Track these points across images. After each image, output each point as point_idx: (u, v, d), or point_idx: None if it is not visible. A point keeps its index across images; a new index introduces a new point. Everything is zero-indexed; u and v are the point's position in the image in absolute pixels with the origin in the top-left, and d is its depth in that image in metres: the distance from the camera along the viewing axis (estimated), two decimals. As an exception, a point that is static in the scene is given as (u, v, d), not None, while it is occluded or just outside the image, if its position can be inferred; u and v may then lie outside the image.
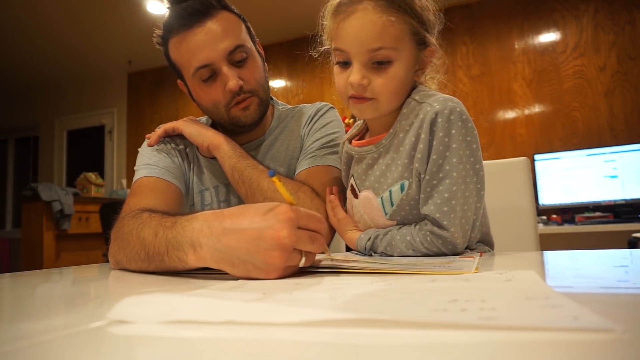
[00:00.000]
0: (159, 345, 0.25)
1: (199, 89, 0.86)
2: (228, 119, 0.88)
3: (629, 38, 3.01)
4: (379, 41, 0.63)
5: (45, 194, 3.44)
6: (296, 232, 0.48)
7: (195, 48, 0.81)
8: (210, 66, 0.82)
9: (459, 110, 0.63)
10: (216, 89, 0.84)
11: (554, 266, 0.57)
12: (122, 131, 4.83)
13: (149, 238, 0.59)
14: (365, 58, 0.64)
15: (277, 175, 0.49)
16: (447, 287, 0.36)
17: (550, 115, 3.16)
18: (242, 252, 0.48)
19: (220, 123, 0.92)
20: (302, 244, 0.49)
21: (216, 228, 0.50)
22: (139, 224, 0.64)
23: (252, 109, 0.88)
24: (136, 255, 0.62)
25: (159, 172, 0.87)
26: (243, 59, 0.85)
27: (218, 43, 0.81)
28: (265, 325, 0.27)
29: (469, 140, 0.63)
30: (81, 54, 4.37)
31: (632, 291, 0.37)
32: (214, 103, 0.86)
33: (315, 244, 0.50)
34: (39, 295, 0.50)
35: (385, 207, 0.69)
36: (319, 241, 0.51)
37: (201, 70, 0.83)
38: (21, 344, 0.26)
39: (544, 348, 0.21)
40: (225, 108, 0.86)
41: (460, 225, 0.63)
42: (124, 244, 0.66)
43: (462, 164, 0.62)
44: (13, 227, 5.13)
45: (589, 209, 2.70)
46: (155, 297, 0.37)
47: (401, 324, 0.25)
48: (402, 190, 0.67)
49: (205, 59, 0.82)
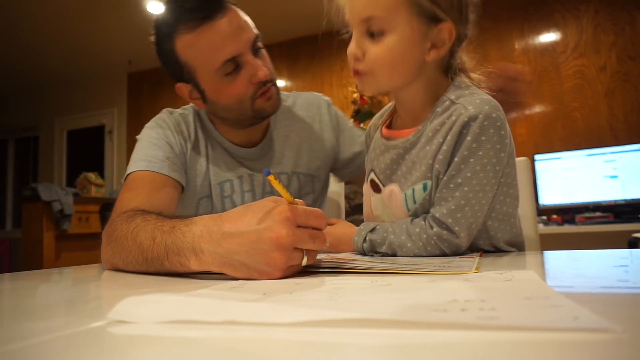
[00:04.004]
0: (159, 346, 0.25)
1: (221, 84, 0.81)
2: (252, 112, 0.84)
3: (629, 38, 3.01)
4: (368, 9, 0.60)
5: (45, 194, 3.43)
6: (295, 231, 0.48)
7: (220, 41, 0.77)
8: (236, 58, 0.79)
9: (495, 116, 0.60)
10: (241, 82, 0.81)
11: (554, 266, 0.57)
12: (122, 131, 4.83)
13: (147, 242, 0.59)
14: (362, 28, 0.62)
15: (272, 174, 0.49)
16: (447, 287, 0.36)
17: (551, 115, 3.16)
18: (243, 255, 0.48)
19: (239, 119, 0.87)
20: (302, 243, 0.49)
21: (216, 233, 0.50)
22: (134, 227, 0.63)
23: (274, 98, 0.86)
24: (134, 259, 0.61)
25: (157, 166, 0.82)
26: (259, 49, 0.83)
27: (243, 33, 0.79)
28: (265, 325, 0.27)
29: (498, 148, 0.60)
30: (81, 54, 4.37)
31: (631, 291, 0.37)
32: (238, 97, 0.82)
33: (316, 241, 0.50)
34: (39, 295, 0.50)
35: (408, 204, 0.67)
36: (319, 238, 0.50)
37: (227, 64, 0.79)
38: (21, 344, 0.26)
39: (544, 348, 0.21)
40: (250, 100, 0.83)
41: (468, 229, 0.62)
42: (119, 248, 0.64)
43: (485, 172, 0.60)
44: (13, 227, 5.13)
45: (589, 209, 2.69)
46: (155, 297, 0.37)
47: (401, 324, 0.25)
48: (424, 190, 0.65)
49: (234, 51, 0.78)
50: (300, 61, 4.04)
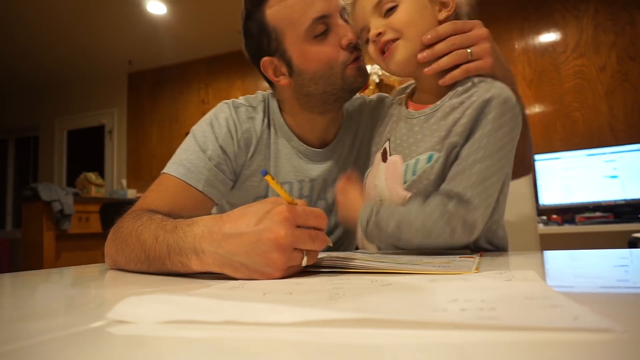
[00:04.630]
0: (158, 346, 0.25)
1: (310, 48, 0.78)
2: (341, 80, 0.80)
3: (629, 38, 3.01)
4: None
5: (45, 194, 3.43)
6: (294, 231, 0.48)
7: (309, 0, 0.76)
8: (326, 19, 0.76)
9: (513, 102, 0.63)
10: (331, 46, 0.77)
11: (554, 266, 0.57)
12: (122, 131, 4.83)
13: (150, 241, 0.59)
14: (375, 14, 0.69)
15: (269, 174, 0.48)
16: (447, 287, 0.36)
17: (551, 115, 3.16)
18: (243, 256, 0.48)
19: (326, 92, 0.81)
20: (302, 243, 0.48)
21: (216, 233, 0.51)
22: (139, 225, 0.63)
23: (364, 69, 0.81)
24: (136, 257, 0.61)
25: (194, 179, 0.79)
26: (346, 20, 0.80)
27: None
28: (265, 325, 0.27)
29: (514, 134, 0.63)
30: (81, 54, 4.37)
31: (632, 291, 0.37)
32: (329, 62, 0.78)
33: (315, 242, 0.50)
34: (39, 295, 0.50)
35: (406, 175, 0.68)
36: (319, 239, 0.50)
37: (317, 23, 0.76)
38: (21, 344, 0.26)
39: (544, 348, 0.21)
40: (342, 66, 0.78)
41: (486, 206, 0.62)
42: (123, 245, 0.65)
43: (503, 152, 0.62)
44: (13, 227, 5.14)
45: (589, 209, 2.69)
46: (155, 297, 0.37)
47: (401, 324, 0.25)
48: (428, 161, 0.65)
49: (324, 9, 0.76)
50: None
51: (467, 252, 0.67)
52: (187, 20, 3.78)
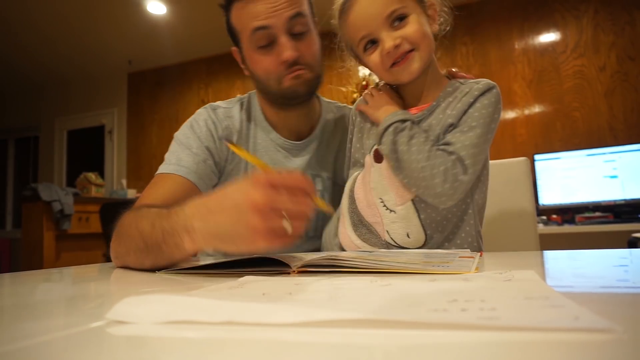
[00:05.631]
0: (158, 346, 0.25)
1: (254, 55, 0.86)
2: (278, 91, 0.87)
3: (628, 38, 3.01)
4: (388, 7, 0.71)
5: (45, 194, 3.43)
6: (269, 192, 0.48)
7: (256, 11, 0.82)
8: (268, 29, 0.82)
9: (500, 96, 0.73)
10: (270, 59, 0.84)
11: (554, 266, 0.57)
12: (122, 131, 4.83)
13: (147, 229, 0.61)
14: (387, 25, 0.71)
15: (231, 142, 0.52)
16: (447, 287, 0.36)
17: (550, 115, 3.16)
18: (227, 225, 0.50)
19: (270, 94, 0.90)
20: (280, 203, 0.48)
21: (203, 209, 0.54)
22: (138, 216, 0.66)
23: (305, 79, 0.86)
24: (135, 246, 0.64)
25: (184, 171, 0.85)
26: (302, 32, 0.85)
27: (280, 9, 0.82)
28: (265, 325, 0.27)
29: (497, 121, 0.72)
30: (81, 54, 4.37)
31: (631, 291, 0.37)
32: (266, 72, 0.86)
33: (295, 201, 0.49)
34: (39, 295, 0.50)
35: None
36: (300, 200, 0.49)
37: (258, 33, 0.82)
38: (21, 344, 0.26)
39: (544, 348, 0.21)
40: (276, 80, 0.85)
41: (472, 174, 0.69)
42: (124, 238, 0.68)
43: (491, 128, 0.71)
44: (13, 227, 5.13)
45: (589, 209, 2.69)
46: (155, 297, 0.37)
47: (401, 324, 0.25)
48: None
49: (264, 22, 0.81)
50: (300, 61, 4.03)
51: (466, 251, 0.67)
52: (187, 20, 3.78)
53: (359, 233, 0.78)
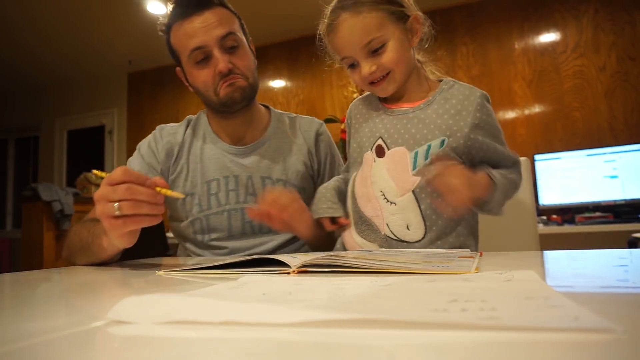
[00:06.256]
0: (158, 346, 0.25)
1: (193, 70, 0.96)
2: (217, 100, 0.97)
3: (628, 38, 3.01)
4: (366, 37, 0.75)
5: (45, 194, 3.43)
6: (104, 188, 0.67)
7: (192, 32, 0.93)
8: (203, 49, 0.93)
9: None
10: (207, 72, 0.95)
11: (554, 266, 0.57)
12: (122, 131, 4.82)
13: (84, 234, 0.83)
14: (364, 53, 0.76)
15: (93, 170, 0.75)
16: (447, 287, 0.36)
17: (550, 116, 3.16)
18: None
19: (211, 105, 1.01)
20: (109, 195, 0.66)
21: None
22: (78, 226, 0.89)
23: (238, 85, 0.96)
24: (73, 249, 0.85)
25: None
26: (234, 47, 0.95)
27: (212, 29, 0.93)
28: (265, 325, 0.27)
29: None
30: (81, 54, 4.37)
31: (631, 291, 0.37)
32: (204, 84, 0.96)
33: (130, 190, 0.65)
34: (39, 295, 0.50)
35: (417, 161, 0.76)
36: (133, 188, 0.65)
37: (195, 52, 0.93)
38: (21, 344, 0.26)
39: (544, 348, 0.21)
40: (213, 90, 0.96)
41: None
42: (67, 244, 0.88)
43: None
44: (13, 227, 5.13)
45: (589, 209, 2.69)
46: (155, 297, 0.37)
47: (401, 324, 0.25)
48: (441, 145, 0.75)
49: (199, 42, 0.92)
50: (300, 61, 4.03)
51: (466, 251, 0.67)
52: (187, 20, 3.78)
53: (359, 230, 0.80)
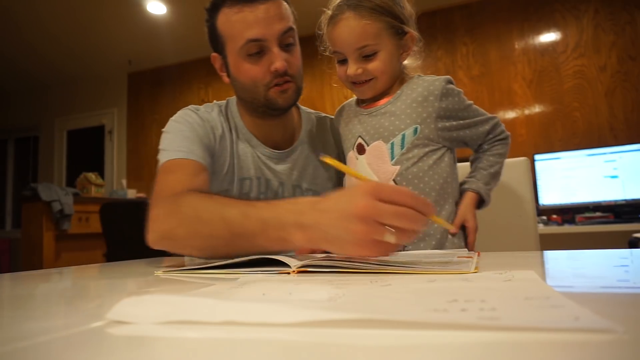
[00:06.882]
0: (158, 346, 0.25)
1: (243, 63, 0.87)
2: (264, 100, 0.89)
3: (629, 38, 3.01)
4: (362, 41, 0.79)
5: (45, 194, 3.43)
6: (375, 204, 0.49)
7: (252, 21, 0.84)
8: (261, 42, 0.84)
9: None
10: (261, 67, 0.86)
11: (554, 266, 0.57)
12: (122, 131, 4.83)
13: (237, 217, 0.62)
14: (356, 55, 0.81)
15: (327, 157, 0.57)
16: (447, 287, 0.36)
17: (550, 115, 3.15)
18: (334, 229, 0.52)
19: (253, 103, 0.91)
20: (384, 217, 0.49)
21: (314, 208, 0.56)
22: (215, 202, 0.68)
23: (289, 94, 0.89)
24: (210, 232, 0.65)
25: (192, 155, 0.85)
26: (290, 44, 0.88)
27: (275, 23, 0.85)
28: (265, 325, 0.27)
29: None
30: (81, 54, 4.37)
31: (632, 291, 0.37)
32: (254, 80, 0.88)
33: (402, 219, 0.49)
34: (39, 295, 0.50)
35: (394, 151, 0.82)
36: (406, 216, 0.49)
37: (251, 44, 0.84)
38: (21, 344, 0.26)
39: (544, 348, 0.21)
40: (264, 88, 0.87)
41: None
42: (194, 220, 0.68)
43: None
44: (13, 227, 5.13)
45: (589, 209, 2.69)
46: (155, 297, 0.37)
47: (401, 324, 0.25)
48: (415, 133, 0.81)
49: (258, 34, 0.84)
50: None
51: (464, 251, 0.67)
52: (187, 20, 3.78)
53: None
